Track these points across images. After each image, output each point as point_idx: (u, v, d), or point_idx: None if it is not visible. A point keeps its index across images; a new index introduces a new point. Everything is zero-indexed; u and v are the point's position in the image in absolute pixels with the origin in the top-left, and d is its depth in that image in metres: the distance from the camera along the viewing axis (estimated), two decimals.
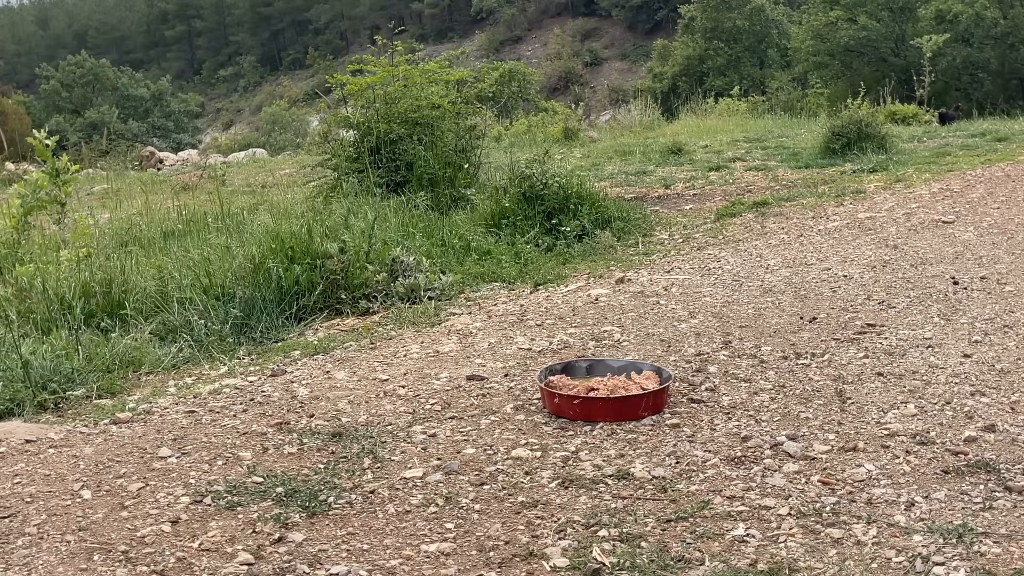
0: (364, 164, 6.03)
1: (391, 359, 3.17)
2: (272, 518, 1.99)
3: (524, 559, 1.81)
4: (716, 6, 38.10)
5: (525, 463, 2.26)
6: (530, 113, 22.10)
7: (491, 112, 11.48)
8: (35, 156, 5.00)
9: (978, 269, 4.06)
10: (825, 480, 2.09)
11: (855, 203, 6.10)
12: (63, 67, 66.64)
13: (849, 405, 2.54)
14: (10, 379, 2.92)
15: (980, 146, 9.18)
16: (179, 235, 5.03)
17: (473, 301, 4.00)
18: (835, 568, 1.73)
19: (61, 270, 3.90)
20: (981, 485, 2.03)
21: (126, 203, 6.39)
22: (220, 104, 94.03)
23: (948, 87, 25.86)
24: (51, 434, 2.55)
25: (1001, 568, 1.70)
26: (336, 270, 3.86)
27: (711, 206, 6.44)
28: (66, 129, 41.08)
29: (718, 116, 15.34)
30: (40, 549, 1.88)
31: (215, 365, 3.26)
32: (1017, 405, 2.50)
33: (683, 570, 1.75)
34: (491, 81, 33.33)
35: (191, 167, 14.84)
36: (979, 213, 5.44)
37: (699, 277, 4.20)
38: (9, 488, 2.18)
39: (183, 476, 2.23)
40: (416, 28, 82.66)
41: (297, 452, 2.36)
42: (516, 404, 2.65)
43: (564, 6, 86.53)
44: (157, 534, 1.94)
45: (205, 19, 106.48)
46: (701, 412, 2.54)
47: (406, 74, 6.55)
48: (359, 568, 1.80)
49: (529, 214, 5.16)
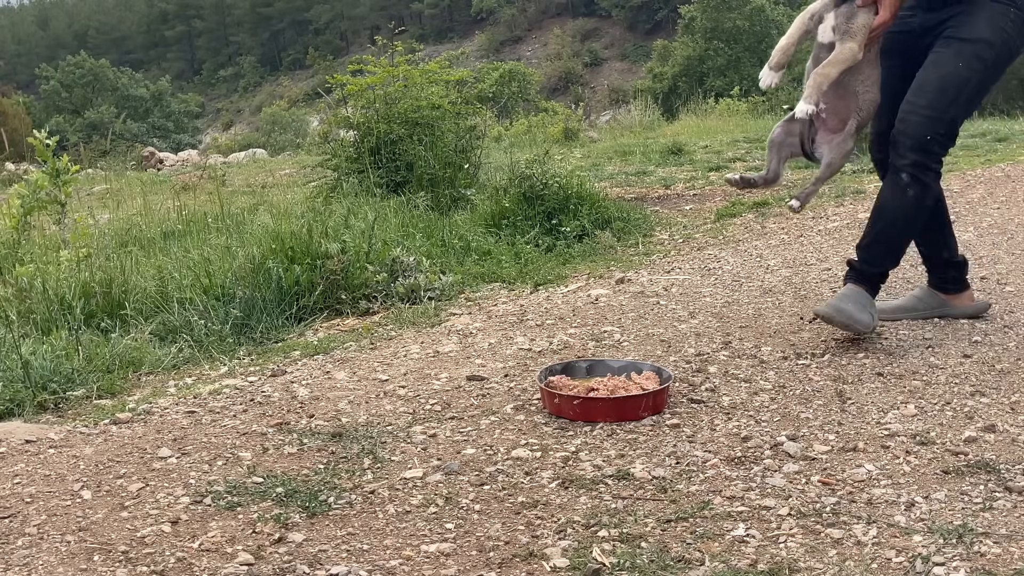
0: (364, 164, 6.04)
1: (391, 359, 3.17)
2: (272, 518, 1.99)
3: (524, 559, 1.81)
4: (716, 6, 38.12)
5: (525, 463, 2.26)
6: (530, 113, 22.10)
7: (491, 112, 11.48)
8: (35, 156, 5.00)
9: (978, 269, 4.06)
10: (825, 480, 2.09)
11: (855, 203, 6.10)
12: (63, 67, 66.65)
13: (849, 405, 2.54)
14: (10, 379, 2.92)
15: (980, 146, 9.19)
16: (179, 235, 5.03)
17: (473, 301, 4.00)
18: (835, 568, 1.73)
19: (61, 270, 3.91)
20: (981, 485, 2.03)
21: (126, 203, 6.40)
22: (220, 104, 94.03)
23: None
24: (51, 434, 2.55)
25: (1001, 568, 1.70)
26: (336, 270, 3.86)
27: (711, 206, 6.44)
28: (66, 129, 41.11)
29: (718, 116, 15.35)
30: (40, 549, 1.88)
31: (215, 365, 3.26)
32: (1017, 405, 2.50)
33: (683, 570, 1.75)
34: (491, 81, 33.35)
35: (191, 167, 14.85)
36: (979, 213, 5.44)
37: (699, 277, 4.20)
38: (9, 488, 2.18)
39: (183, 476, 2.23)
40: (416, 28, 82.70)
41: (297, 452, 2.36)
42: (516, 404, 2.66)
43: (564, 6, 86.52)
44: (157, 534, 1.94)
45: (205, 19, 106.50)
46: (701, 412, 2.54)
47: (406, 74, 6.56)
48: (359, 568, 1.80)
49: (529, 214, 5.16)
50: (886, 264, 3.15)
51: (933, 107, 2.94)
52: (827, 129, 3.07)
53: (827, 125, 3.07)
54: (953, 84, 2.96)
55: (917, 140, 2.95)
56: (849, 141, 3.07)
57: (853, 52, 2.92)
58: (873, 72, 3.04)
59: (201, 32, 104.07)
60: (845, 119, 3.04)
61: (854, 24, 2.93)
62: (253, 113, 78.19)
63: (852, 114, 3.04)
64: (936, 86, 2.95)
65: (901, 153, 2.98)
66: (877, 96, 3.07)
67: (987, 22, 2.97)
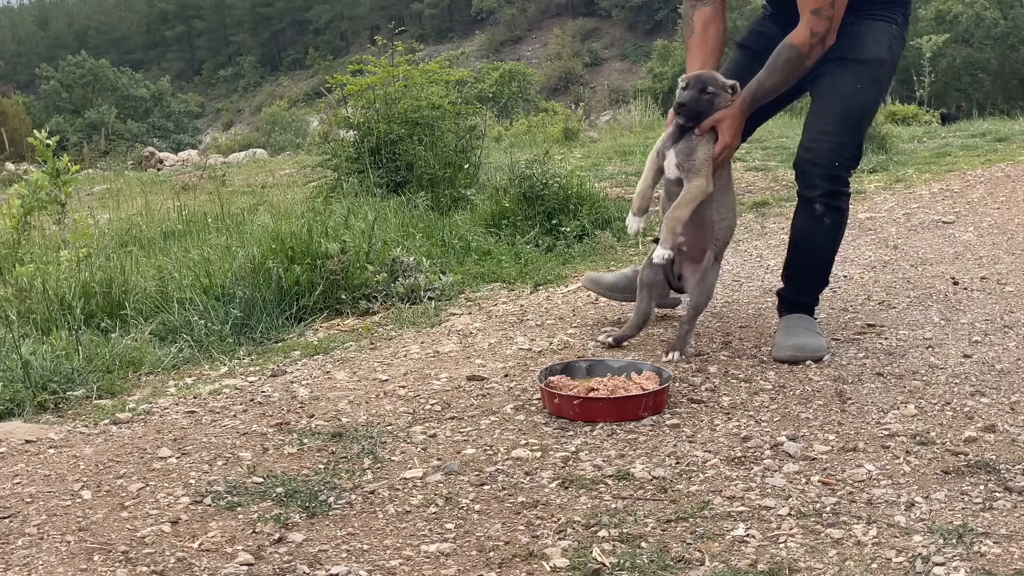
0: (364, 164, 6.03)
1: (391, 359, 3.17)
2: (272, 518, 1.99)
3: (524, 559, 1.81)
4: None
5: (525, 463, 2.26)
6: (530, 113, 22.11)
7: (491, 112, 11.48)
8: (35, 156, 5.00)
9: (978, 269, 4.06)
10: (825, 480, 2.09)
11: (855, 203, 6.09)
12: (63, 67, 66.64)
13: (849, 405, 2.54)
14: (10, 379, 2.92)
15: (980, 146, 9.18)
16: (179, 235, 5.03)
17: (473, 301, 4.00)
18: (835, 568, 1.73)
19: (61, 270, 3.90)
20: (981, 485, 2.03)
21: (126, 203, 6.39)
22: (220, 104, 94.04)
23: (948, 87, 25.88)
24: (51, 434, 2.55)
25: (1001, 568, 1.70)
26: (336, 270, 3.86)
27: None
28: (66, 129, 41.11)
29: None
30: (40, 549, 1.88)
31: (215, 365, 3.26)
32: (1017, 405, 2.50)
33: (683, 570, 1.75)
34: (491, 81, 33.36)
35: (191, 167, 14.85)
36: (979, 213, 5.44)
37: None
38: (9, 488, 2.18)
39: (183, 476, 2.23)
40: (416, 28, 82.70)
41: (297, 452, 2.36)
42: (516, 404, 2.65)
43: (564, 6, 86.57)
44: (157, 534, 1.94)
45: (205, 19, 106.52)
46: (701, 412, 2.54)
47: (406, 74, 6.55)
48: (359, 568, 1.80)
49: (529, 214, 5.16)
50: (818, 290, 3.14)
51: (840, 133, 2.89)
52: (690, 259, 3.05)
53: (689, 255, 3.05)
54: (856, 108, 2.92)
55: (827, 169, 2.90)
56: (711, 274, 3.02)
57: (702, 189, 2.88)
58: (727, 197, 3.00)
59: (201, 32, 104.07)
60: (704, 249, 3.01)
61: (696, 159, 2.88)
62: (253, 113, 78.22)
63: (709, 245, 3.01)
64: (840, 111, 2.90)
65: (812, 184, 2.93)
66: (734, 222, 3.06)
67: (875, 39, 2.92)
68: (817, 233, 2.99)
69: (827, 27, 2.79)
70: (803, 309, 3.10)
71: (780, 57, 2.85)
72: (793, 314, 3.08)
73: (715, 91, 2.88)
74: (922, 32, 22.41)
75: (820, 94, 2.95)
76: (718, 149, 2.88)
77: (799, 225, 3.05)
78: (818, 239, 3.02)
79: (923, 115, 13.44)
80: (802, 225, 3.03)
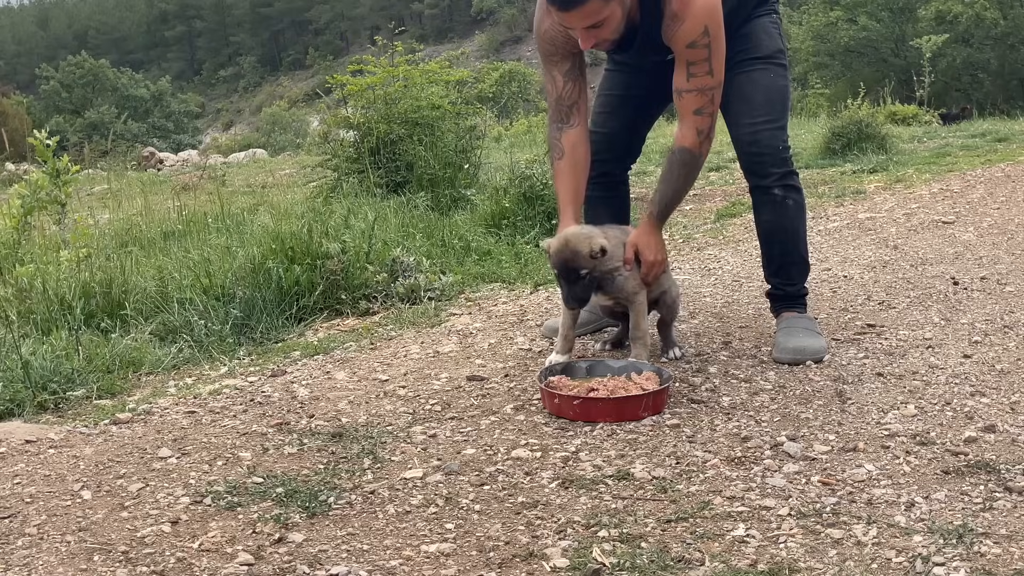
0: (364, 164, 6.03)
1: (391, 359, 3.17)
2: (272, 518, 1.99)
3: (524, 559, 1.81)
4: None
5: (525, 463, 2.26)
6: (530, 113, 22.08)
7: (491, 112, 11.48)
8: (35, 156, 5.01)
9: (978, 269, 4.06)
10: (825, 480, 2.09)
11: (855, 203, 6.11)
12: (63, 68, 66.64)
13: (849, 405, 2.54)
14: (10, 379, 2.92)
15: (980, 146, 9.19)
16: (179, 235, 5.03)
17: (473, 301, 4.00)
18: (835, 568, 1.73)
19: (61, 270, 3.90)
20: (981, 485, 2.03)
21: (126, 203, 6.39)
22: (220, 104, 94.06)
23: (948, 87, 25.89)
24: (51, 434, 2.55)
25: (1001, 568, 1.70)
26: (336, 270, 3.86)
27: (711, 206, 6.45)
28: (66, 130, 41.11)
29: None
30: (40, 549, 1.88)
31: (215, 365, 3.26)
32: (1017, 405, 2.50)
33: (683, 570, 1.75)
34: (491, 81, 33.33)
35: (191, 167, 14.85)
36: (979, 213, 5.44)
37: (699, 277, 4.20)
38: (9, 488, 2.18)
39: (183, 476, 2.23)
40: (416, 28, 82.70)
41: (297, 452, 2.36)
42: (516, 405, 2.65)
43: None
44: (157, 534, 1.94)
45: (205, 19, 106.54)
46: (701, 412, 2.54)
47: (406, 74, 6.56)
48: (359, 568, 1.79)
49: (529, 214, 5.16)
50: (804, 277, 3.15)
51: (772, 120, 2.95)
52: None
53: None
54: (777, 94, 2.98)
55: (774, 155, 2.95)
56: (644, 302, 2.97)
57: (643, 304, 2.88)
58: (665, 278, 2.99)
59: (201, 32, 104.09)
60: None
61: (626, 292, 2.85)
62: (253, 113, 78.19)
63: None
64: (764, 101, 2.95)
65: (766, 173, 2.97)
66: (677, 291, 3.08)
67: (767, 34, 2.99)
68: (784, 216, 3.03)
69: (710, 123, 2.83)
70: (796, 301, 3.11)
71: (674, 163, 2.88)
72: (791, 313, 3.08)
73: (588, 266, 2.75)
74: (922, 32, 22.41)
75: (739, 92, 2.96)
76: (645, 270, 2.87)
77: (766, 218, 3.08)
78: (787, 222, 3.05)
79: (923, 115, 13.45)
80: (768, 216, 3.07)
